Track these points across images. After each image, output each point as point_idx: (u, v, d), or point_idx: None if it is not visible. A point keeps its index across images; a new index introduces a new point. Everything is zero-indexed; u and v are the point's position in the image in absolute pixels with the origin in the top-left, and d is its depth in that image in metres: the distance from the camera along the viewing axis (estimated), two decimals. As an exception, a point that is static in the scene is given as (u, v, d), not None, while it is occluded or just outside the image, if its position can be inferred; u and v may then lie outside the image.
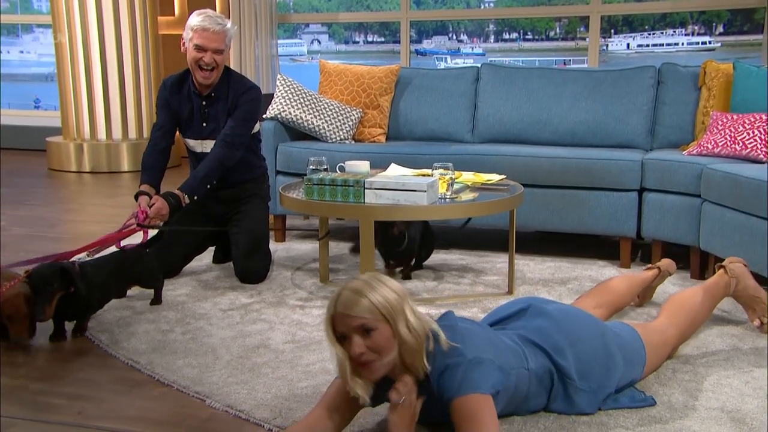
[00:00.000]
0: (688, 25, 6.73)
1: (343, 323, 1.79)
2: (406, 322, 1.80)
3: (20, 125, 8.21)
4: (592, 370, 2.04)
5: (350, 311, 1.78)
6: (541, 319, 2.11)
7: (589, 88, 4.05)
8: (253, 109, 3.40)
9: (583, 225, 3.61)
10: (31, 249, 3.96)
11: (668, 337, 2.33)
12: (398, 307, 1.80)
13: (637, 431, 1.96)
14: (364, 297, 1.78)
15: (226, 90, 3.38)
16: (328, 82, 4.41)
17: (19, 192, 5.70)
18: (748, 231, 2.91)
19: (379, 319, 1.78)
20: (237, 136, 3.32)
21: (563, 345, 2.02)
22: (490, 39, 7.66)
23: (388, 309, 1.79)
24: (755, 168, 3.03)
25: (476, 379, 1.78)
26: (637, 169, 3.48)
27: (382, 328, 1.78)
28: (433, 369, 1.82)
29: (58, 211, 5.07)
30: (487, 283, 3.32)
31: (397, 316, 1.79)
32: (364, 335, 1.78)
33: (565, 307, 2.27)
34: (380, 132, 4.28)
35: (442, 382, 1.81)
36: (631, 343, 2.19)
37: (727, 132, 3.36)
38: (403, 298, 1.83)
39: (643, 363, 2.20)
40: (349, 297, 1.80)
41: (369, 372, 1.81)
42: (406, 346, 1.80)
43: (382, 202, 2.83)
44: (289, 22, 7.58)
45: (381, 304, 1.79)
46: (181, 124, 3.46)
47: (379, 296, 1.79)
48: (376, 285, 1.82)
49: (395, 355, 1.81)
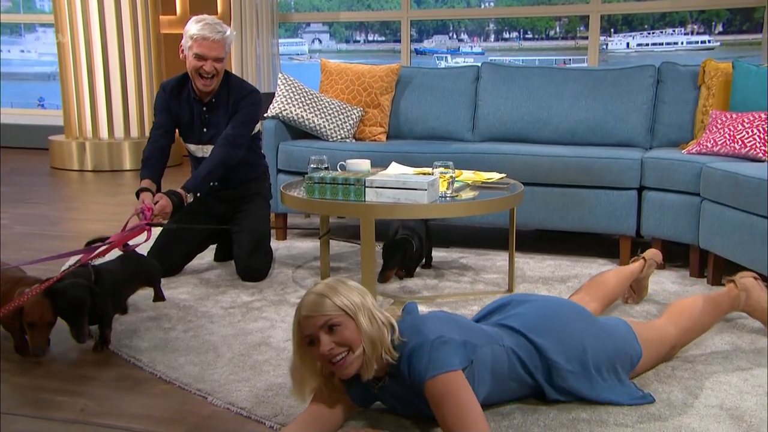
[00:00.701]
0: (688, 25, 6.74)
1: (308, 325, 1.87)
2: (368, 314, 1.88)
3: (23, 124, 8.25)
4: (576, 351, 2.05)
5: (314, 312, 1.86)
6: (520, 307, 2.17)
7: (589, 87, 4.06)
8: (253, 112, 3.41)
9: (583, 223, 3.62)
10: (34, 247, 3.99)
11: (666, 335, 2.33)
12: (359, 302, 1.89)
13: (636, 428, 1.97)
14: (326, 298, 1.87)
15: (226, 95, 3.38)
16: (329, 81, 4.42)
17: (21, 190, 5.72)
18: (748, 229, 2.91)
19: (342, 315, 1.86)
20: (238, 136, 3.33)
21: (541, 327, 2.07)
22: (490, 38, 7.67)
23: (348, 305, 1.87)
24: (754, 166, 3.03)
25: (442, 358, 1.83)
26: (636, 167, 3.48)
27: (346, 322, 1.86)
28: (401, 355, 1.88)
29: (61, 210, 5.08)
30: (488, 281, 3.33)
31: (358, 310, 1.87)
32: (329, 332, 1.86)
33: (545, 297, 2.33)
34: (381, 131, 4.29)
35: (411, 366, 1.86)
36: (621, 332, 2.20)
37: (726, 131, 3.36)
38: (363, 295, 1.92)
39: (638, 354, 2.19)
40: (313, 299, 1.88)
41: (342, 369, 1.88)
42: (369, 338, 1.86)
43: (383, 200, 2.83)
44: (290, 21, 7.59)
45: (342, 301, 1.87)
46: (181, 129, 3.46)
47: (341, 295, 1.88)
48: (336, 286, 1.91)
49: (362, 349, 1.86)
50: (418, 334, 1.89)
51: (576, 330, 2.10)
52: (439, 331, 1.89)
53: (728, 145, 3.32)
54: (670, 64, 3.98)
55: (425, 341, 1.86)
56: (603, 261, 3.63)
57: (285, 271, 3.50)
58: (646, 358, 2.23)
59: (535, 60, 7.48)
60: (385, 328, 1.91)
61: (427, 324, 1.94)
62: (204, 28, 3.23)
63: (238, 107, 3.36)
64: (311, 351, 1.89)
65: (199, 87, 3.31)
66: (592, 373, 2.07)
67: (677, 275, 3.38)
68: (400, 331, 1.92)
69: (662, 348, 2.32)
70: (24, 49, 9.92)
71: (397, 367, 1.90)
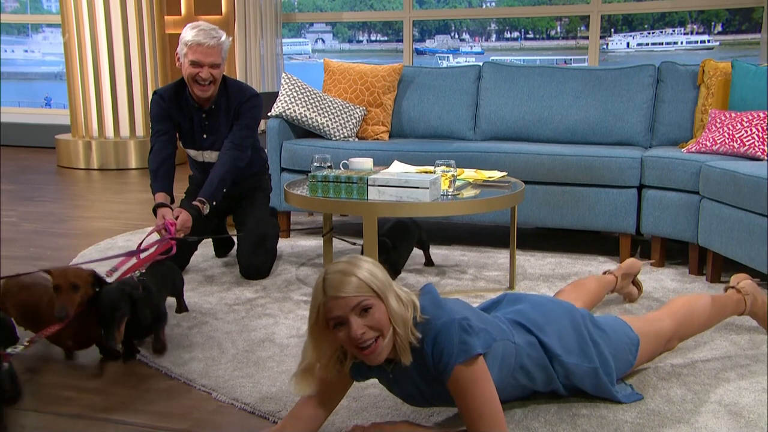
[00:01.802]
0: (687, 25, 6.74)
1: (337, 307, 1.71)
2: (394, 294, 1.76)
3: (30, 123, 8.30)
4: (573, 346, 2.04)
5: (342, 292, 1.70)
6: (518, 304, 2.12)
7: (589, 86, 4.08)
8: (256, 116, 3.41)
9: (583, 221, 3.63)
10: (41, 244, 4.02)
11: (662, 327, 2.29)
12: (386, 281, 1.76)
13: (635, 424, 1.99)
14: (353, 276, 1.72)
15: (225, 101, 3.35)
16: (332, 80, 4.45)
17: (29, 188, 5.77)
18: (747, 227, 2.93)
19: (373, 296, 1.72)
20: (244, 138, 3.34)
21: (542, 323, 2.03)
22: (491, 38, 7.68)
23: (377, 284, 1.73)
24: (753, 165, 3.05)
25: (471, 341, 1.74)
26: (636, 166, 3.50)
27: (378, 303, 1.73)
28: (424, 335, 1.77)
29: (68, 208, 5.12)
30: (489, 279, 3.36)
31: (387, 289, 1.75)
32: (361, 315, 1.72)
33: (538, 295, 2.29)
34: (383, 130, 4.32)
35: (437, 347, 1.75)
36: (615, 326, 2.18)
37: (725, 130, 3.38)
38: (386, 274, 1.79)
39: (636, 345, 2.17)
40: (339, 278, 1.72)
41: (372, 356, 1.75)
42: (398, 319, 1.75)
43: (386, 198, 2.85)
44: (293, 21, 7.62)
45: (371, 280, 1.73)
46: (181, 135, 3.43)
47: (367, 272, 1.74)
48: (361, 263, 1.76)
49: (391, 332, 1.75)
50: (442, 313, 1.78)
51: (574, 326, 2.08)
52: (463, 313, 1.80)
53: (727, 143, 3.34)
54: (669, 64, 3.99)
55: (452, 321, 1.75)
56: (603, 258, 3.65)
57: (288, 268, 3.53)
58: (642, 352, 2.20)
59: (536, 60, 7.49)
60: (410, 308, 1.78)
61: (449, 304, 1.84)
62: (199, 34, 3.18)
63: (240, 111, 3.34)
64: (333, 335, 1.75)
65: (196, 93, 3.27)
66: (597, 367, 2.05)
67: (676, 272, 3.40)
68: (421, 309, 1.80)
69: (658, 340, 2.28)
70: (28, 49, 9.96)
71: (418, 349, 1.78)
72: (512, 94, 4.20)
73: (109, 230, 4.33)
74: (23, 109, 8.89)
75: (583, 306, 2.52)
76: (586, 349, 2.05)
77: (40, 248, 3.94)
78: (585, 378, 2.06)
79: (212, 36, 3.19)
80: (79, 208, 5.15)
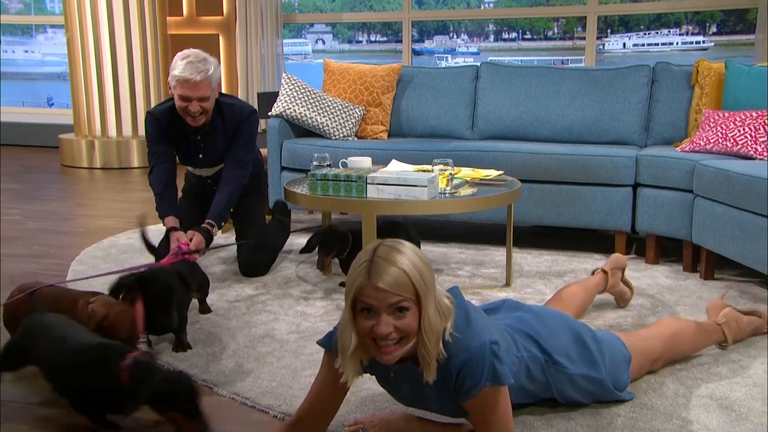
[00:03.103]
0: (683, 25, 6.76)
1: (375, 296, 1.57)
2: (434, 301, 1.61)
3: (34, 123, 8.34)
4: (578, 357, 2.00)
5: (387, 285, 1.55)
6: (520, 311, 2.07)
7: (585, 86, 4.11)
8: (254, 131, 3.40)
9: (579, 219, 3.66)
10: (46, 242, 4.06)
11: (651, 346, 2.25)
12: (431, 282, 1.60)
13: (628, 417, 2.02)
14: (402, 270, 1.56)
15: (221, 122, 3.31)
16: (331, 80, 4.48)
17: (33, 187, 5.80)
18: (739, 225, 2.96)
19: (413, 299, 1.58)
20: (245, 154, 3.34)
21: (546, 333, 1.97)
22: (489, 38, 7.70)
23: (422, 287, 1.58)
24: (746, 164, 3.08)
25: (501, 369, 1.66)
26: (631, 165, 3.53)
27: (414, 308, 1.59)
28: (453, 355, 1.64)
29: (71, 206, 5.15)
30: (486, 276, 3.39)
31: (429, 294, 1.59)
32: (395, 313, 1.58)
33: (538, 305, 2.23)
34: (382, 129, 4.36)
35: (467, 369, 1.64)
36: (611, 341, 2.13)
37: (718, 129, 3.42)
38: (432, 273, 1.63)
39: (628, 362, 2.12)
40: (385, 268, 1.56)
41: (386, 355, 1.63)
42: (430, 332, 1.61)
43: (384, 196, 2.87)
44: (294, 22, 7.65)
45: (417, 280, 1.57)
46: (177, 152, 3.40)
47: (416, 270, 1.58)
48: (409, 254, 1.59)
49: (415, 341, 1.63)
50: (474, 335, 1.66)
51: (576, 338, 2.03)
52: (492, 335, 1.69)
53: (720, 143, 3.37)
54: (664, 64, 4.02)
55: (484, 347, 1.64)
56: (599, 256, 3.68)
57: (288, 266, 3.57)
58: (632, 364, 2.15)
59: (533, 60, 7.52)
60: (445, 320, 1.64)
61: (478, 321, 1.71)
62: (186, 68, 3.07)
63: (239, 129, 3.32)
64: (359, 318, 1.62)
65: (189, 123, 3.24)
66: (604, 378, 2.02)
67: (671, 270, 3.44)
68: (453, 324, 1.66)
69: (646, 358, 2.23)
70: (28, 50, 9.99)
71: (441, 366, 1.66)
72: (509, 93, 4.23)
73: (111, 228, 4.37)
74: (27, 109, 8.94)
75: (577, 313, 2.50)
76: (592, 360, 2.00)
77: (45, 246, 3.98)
78: (590, 389, 2.03)
79: (199, 70, 3.09)
80: (82, 206, 5.18)
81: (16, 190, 5.67)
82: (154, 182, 3.26)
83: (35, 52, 9.95)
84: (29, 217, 4.70)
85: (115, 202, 5.22)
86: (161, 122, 3.27)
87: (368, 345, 1.64)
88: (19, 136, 8.31)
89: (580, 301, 2.61)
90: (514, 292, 3.13)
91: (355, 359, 1.68)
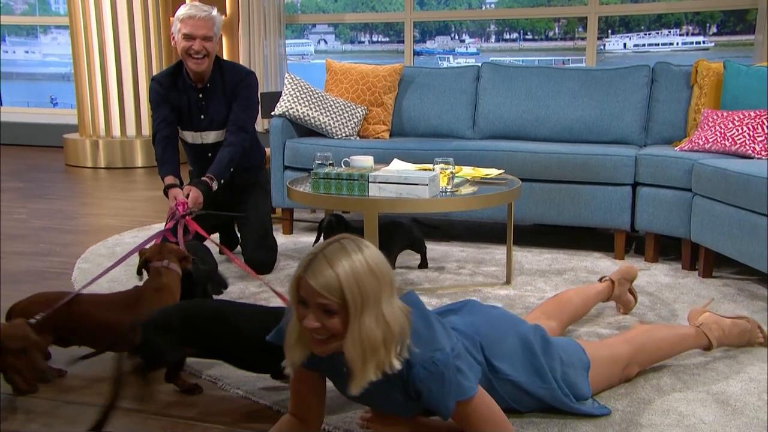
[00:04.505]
0: (683, 26, 6.77)
1: (306, 291, 1.56)
2: (375, 314, 1.55)
3: (39, 123, 8.39)
4: (526, 367, 1.96)
5: (317, 284, 1.53)
6: (476, 315, 2.04)
7: (585, 86, 4.13)
8: (253, 95, 3.46)
9: (579, 218, 3.68)
10: (51, 240, 4.09)
11: (618, 352, 2.19)
12: (371, 297, 1.55)
13: (626, 412, 2.04)
14: (335, 273, 1.53)
15: (221, 80, 3.40)
16: (334, 80, 4.51)
17: (38, 186, 5.85)
18: (737, 223, 2.98)
19: (341, 305, 1.54)
20: (245, 119, 3.40)
21: (492, 339, 1.94)
22: (491, 39, 7.72)
23: (355, 296, 1.53)
24: (744, 163, 3.10)
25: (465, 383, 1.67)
26: (631, 164, 3.55)
27: (344, 313, 1.55)
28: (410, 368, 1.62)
29: (76, 205, 5.18)
30: (486, 274, 3.41)
31: (366, 308, 1.54)
32: (324, 313, 1.56)
33: (496, 309, 2.16)
34: (384, 129, 4.38)
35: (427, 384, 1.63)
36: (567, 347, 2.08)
37: (717, 128, 3.44)
38: (383, 285, 1.57)
39: (587, 368, 2.07)
40: (321, 267, 1.54)
41: (319, 346, 1.61)
42: (362, 345, 1.55)
43: (386, 195, 2.90)
44: (296, 22, 7.68)
45: (350, 288, 1.53)
46: (180, 119, 3.46)
47: (353, 278, 1.53)
48: (356, 259, 1.55)
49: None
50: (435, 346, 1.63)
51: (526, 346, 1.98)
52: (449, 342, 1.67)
53: (719, 142, 3.40)
54: (663, 64, 4.04)
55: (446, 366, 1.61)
56: (599, 254, 3.71)
57: (291, 264, 3.59)
58: (596, 377, 2.10)
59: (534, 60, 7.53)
60: (393, 334, 1.58)
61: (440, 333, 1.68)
62: (191, 8, 3.28)
63: (237, 91, 3.39)
64: (298, 306, 1.61)
65: (191, 68, 3.32)
66: (554, 388, 1.98)
67: (669, 268, 3.46)
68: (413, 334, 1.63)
69: (614, 365, 2.17)
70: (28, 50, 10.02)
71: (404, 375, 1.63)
72: (510, 93, 4.25)
73: (116, 227, 4.40)
74: (32, 109, 8.99)
75: (561, 323, 2.44)
76: (539, 367, 1.96)
77: (50, 244, 4.01)
78: (541, 397, 1.99)
79: (203, 10, 3.28)
80: (86, 205, 5.21)
81: (21, 189, 5.72)
82: (156, 148, 3.39)
83: (35, 52, 9.97)
84: (34, 216, 4.74)
85: (119, 201, 5.26)
86: (163, 85, 3.38)
87: (305, 332, 1.63)
88: (24, 136, 8.37)
89: (574, 308, 2.55)
90: (515, 290, 3.16)
91: (301, 346, 1.67)
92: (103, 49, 6.76)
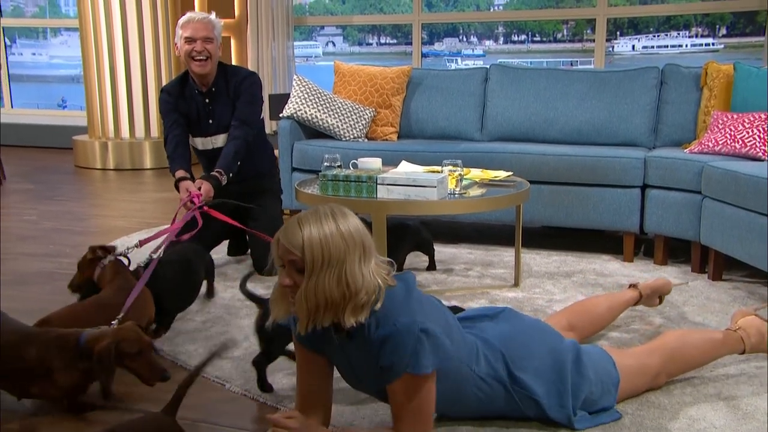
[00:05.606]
0: (692, 27, 6.74)
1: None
2: (338, 275, 1.64)
3: (49, 124, 8.44)
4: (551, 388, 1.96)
5: (285, 241, 1.66)
6: (511, 324, 2.03)
7: (594, 88, 4.12)
8: (256, 92, 3.50)
9: (587, 220, 3.68)
10: (60, 242, 4.11)
11: (649, 363, 2.16)
12: (336, 257, 1.64)
13: (636, 415, 2.04)
14: (300, 231, 1.64)
15: (225, 83, 3.46)
16: (342, 82, 4.52)
17: (47, 188, 5.87)
18: (747, 226, 2.97)
19: (303, 261, 1.65)
20: (248, 114, 3.44)
21: (521, 354, 1.94)
22: (499, 41, 7.70)
23: (316, 255, 1.63)
24: (754, 165, 3.09)
25: (423, 357, 1.69)
26: (640, 166, 3.55)
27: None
28: (377, 326, 1.71)
29: (85, 206, 5.21)
30: (495, 276, 3.41)
31: (325, 267, 1.64)
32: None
33: (534, 321, 2.15)
34: (392, 130, 4.39)
35: (389, 345, 1.69)
36: (598, 363, 2.05)
37: (727, 131, 3.43)
38: (351, 249, 1.66)
39: (616, 385, 2.05)
40: (292, 227, 1.66)
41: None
42: (313, 294, 1.65)
43: (394, 197, 2.90)
44: (304, 24, 7.70)
45: (312, 247, 1.63)
46: (189, 126, 3.52)
47: (318, 240, 1.64)
48: (325, 223, 1.66)
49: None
50: (404, 312, 1.71)
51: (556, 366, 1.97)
52: (425, 320, 1.72)
53: (729, 144, 3.38)
54: (673, 66, 4.03)
55: (411, 327, 1.68)
56: (607, 257, 3.70)
57: (299, 266, 3.60)
58: (625, 385, 2.09)
59: (543, 62, 7.51)
60: (353, 294, 1.66)
61: (419, 303, 1.76)
62: (190, 14, 3.44)
63: (239, 90, 3.45)
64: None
65: (195, 71, 3.38)
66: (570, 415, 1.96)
67: (679, 271, 3.45)
68: (387, 298, 1.71)
69: (644, 376, 2.15)
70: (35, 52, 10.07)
71: (362, 333, 1.73)
72: (518, 95, 4.25)
73: (125, 228, 4.42)
74: (42, 111, 9.03)
75: (581, 333, 2.40)
76: (564, 394, 1.95)
77: (59, 245, 4.03)
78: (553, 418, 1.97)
79: (203, 15, 3.43)
80: (96, 207, 5.24)
81: (31, 190, 5.75)
82: (167, 147, 3.45)
83: (42, 54, 10.02)
84: (44, 217, 4.76)
85: (129, 203, 5.28)
86: (172, 94, 3.48)
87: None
88: (34, 138, 8.41)
89: (601, 317, 2.50)
90: (523, 293, 3.16)
91: (283, 303, 1.76)
92: (112, 51, 6.79)
